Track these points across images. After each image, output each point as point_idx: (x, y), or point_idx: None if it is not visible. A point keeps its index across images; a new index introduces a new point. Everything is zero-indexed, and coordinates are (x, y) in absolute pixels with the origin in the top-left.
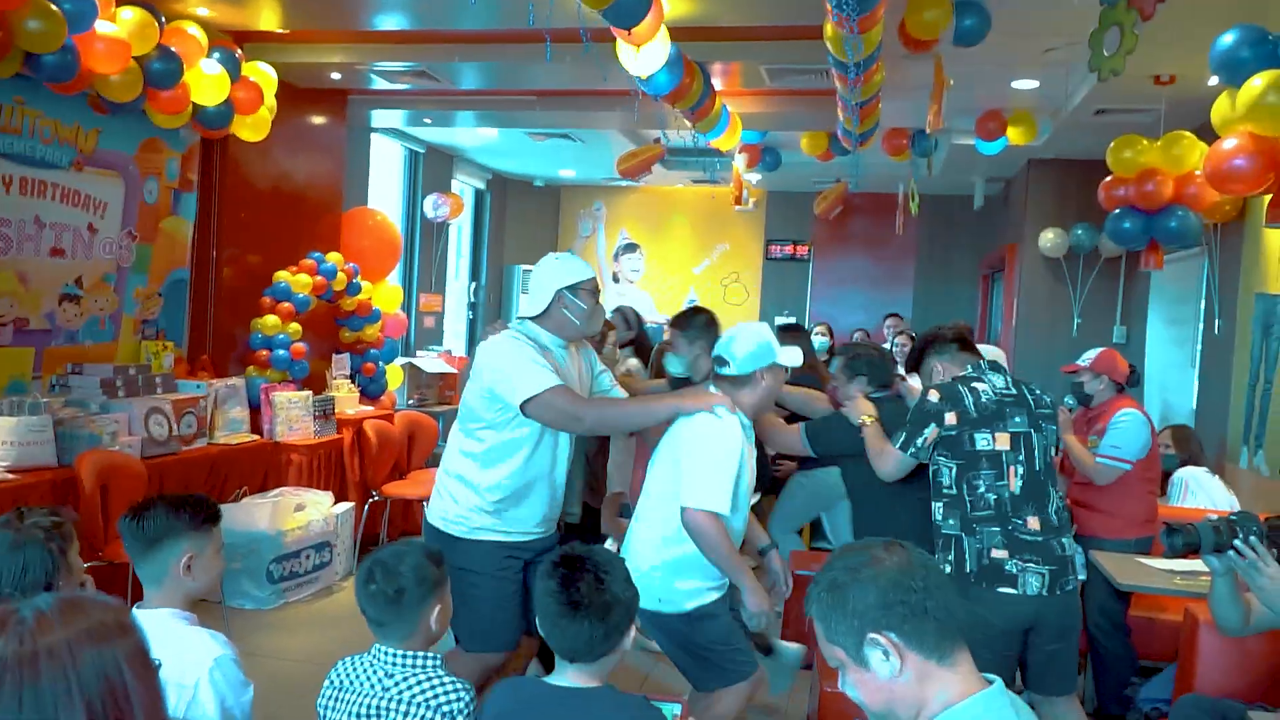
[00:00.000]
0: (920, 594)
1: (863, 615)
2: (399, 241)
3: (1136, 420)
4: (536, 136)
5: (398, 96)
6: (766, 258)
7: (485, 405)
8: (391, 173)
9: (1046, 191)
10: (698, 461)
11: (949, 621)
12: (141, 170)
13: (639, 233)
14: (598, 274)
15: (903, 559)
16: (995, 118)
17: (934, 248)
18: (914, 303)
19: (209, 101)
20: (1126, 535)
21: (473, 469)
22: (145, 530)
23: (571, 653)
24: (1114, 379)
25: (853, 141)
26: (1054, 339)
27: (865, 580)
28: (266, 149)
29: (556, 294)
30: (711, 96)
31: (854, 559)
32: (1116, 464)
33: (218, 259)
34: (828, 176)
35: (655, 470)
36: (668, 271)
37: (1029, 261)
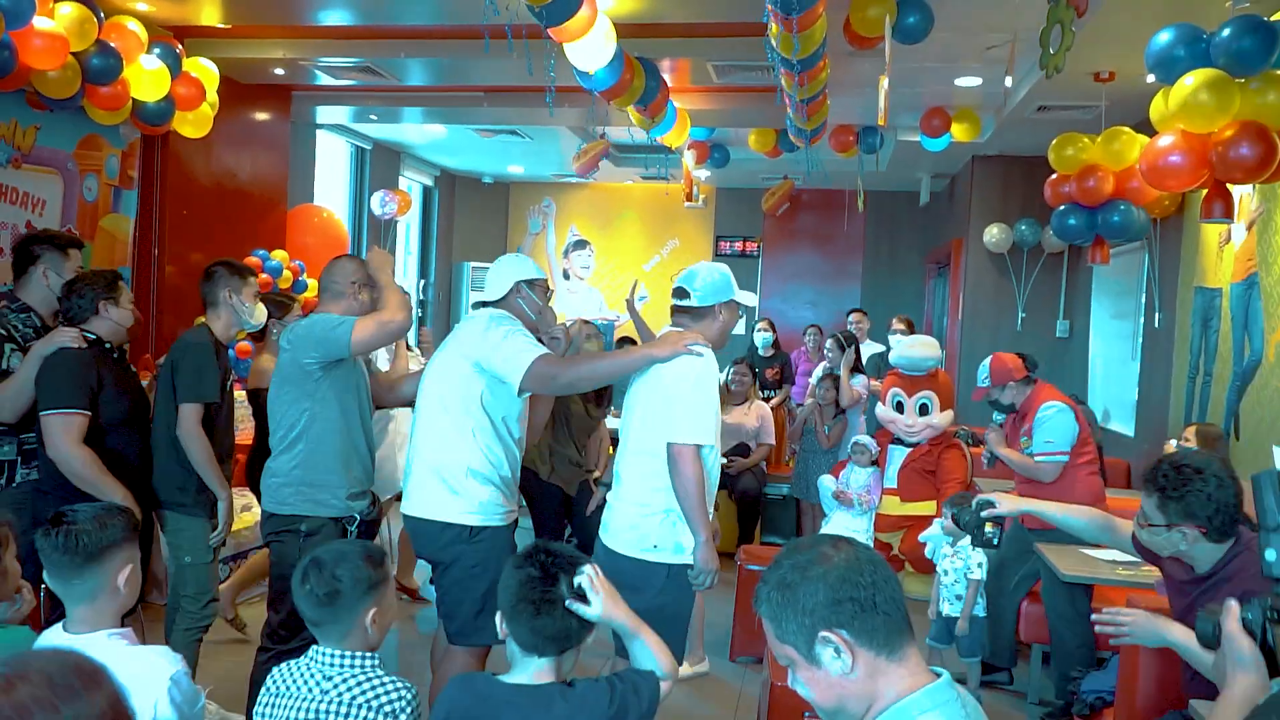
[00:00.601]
0: (869, 589)
1: (813, 613)
2: (346, 239)
3: (1058, 410)
4: (484, 133)
5: (343, 92)
6: (716, 254)
7: (474, 383)
8: (338, 170)
9: (991, 187)
10: (685, 397)
11: (896, 615)
12: (81, 167)
13: (589, 229)
14: (548, 271)
15: (850, 555)
16: (940, 114)
17: (881, 243)
18: (861, 297)
19: (149, 98)
20: None
21: (478, 452)
22: (81, 544)
23: (538, 645)
24: (1017, 378)
25: (804, 139)
26: (999, 332)
27: (814, 578)
28: (209, 146)
29: (515, 284)
30: (662, 92)
31: (802, 556)
32: (1055, 458)
33: (159, 257)
34: (777, 173)
35: (640, 420)
36: (618, 268)
37: (974, 256)
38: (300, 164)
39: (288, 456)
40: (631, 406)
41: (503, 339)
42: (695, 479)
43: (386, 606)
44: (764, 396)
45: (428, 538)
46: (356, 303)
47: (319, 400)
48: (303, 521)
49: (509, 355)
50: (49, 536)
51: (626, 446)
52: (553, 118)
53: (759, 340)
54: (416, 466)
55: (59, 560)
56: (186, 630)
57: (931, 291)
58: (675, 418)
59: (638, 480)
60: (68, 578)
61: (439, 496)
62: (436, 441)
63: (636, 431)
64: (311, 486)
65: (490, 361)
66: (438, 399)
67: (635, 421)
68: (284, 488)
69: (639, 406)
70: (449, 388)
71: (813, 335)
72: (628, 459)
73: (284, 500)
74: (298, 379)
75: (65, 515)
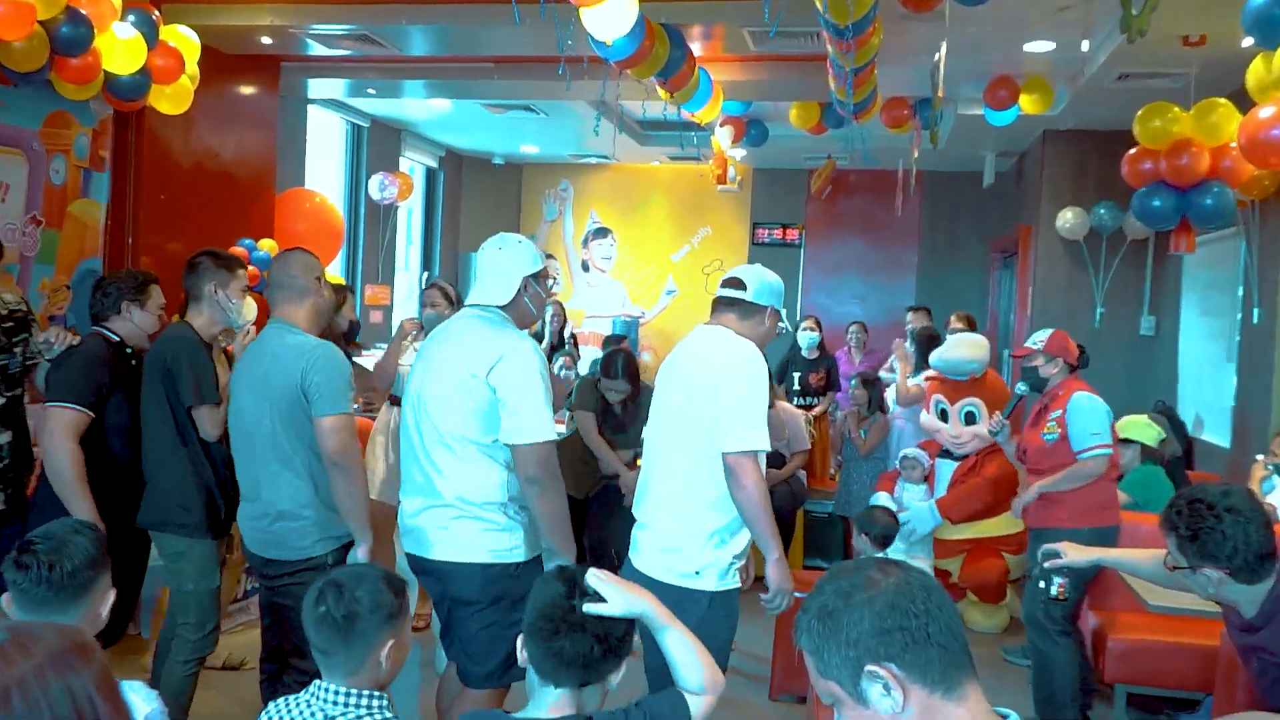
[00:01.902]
0: (921, 618)
1: (858, 644)
2: (341, 227)
3: (1093, 399)
4: (494, 108)
5: (337, 64)
6: (753, 242)
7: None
8: (331, 150)
9: (1064, 166)
10: (737, 398)
11: (954, 648)
12: (47, 147)
13: (610, 216)
14: (565, 262)
15: (900, 579)
16: (1006, 84)
17: (939, 230)
18: (916, 291)
19: (123, 70)
20: (1080, 524)
21: (497, 484)
22: (66, 577)
23: (556, 673)
24: (1067, 361)
25: (848, 112)
26: (1073, 330)
27: (859, 605)
28: (189, 123)
29: (523, 281)
30: (688, 63)
31: (846, 581)
32: (1102, 451)
33: (134, 247)
34: (820, 152)
35: (678, 427)
36: (643, 259)
37: (1045, 244)
38: (290, 143)
39: (292, 491)
40: (664, 411)
41: (531, 397)
42: (760, 490)
43: (403, 642)
44: (806, 404)
45: (462, 580)
46: (323, 299)
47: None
48: (328, 557)
49: (529, 419)
50: (26, 570)
51: (658, 457)
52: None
53: (803, 341)
54: (432, 502)
55: (41, 596)
56: (184, 661)
57: (996, 284)
58: (728, 423)
59: (677, 496)
60: (47, 614)
61: (474, 534)
62: (458, 471)
63: (673, 440)
64: (323, 525)
65: (508, 406)
66: (455, 421)
67: (671, 428)
68: (309, 529)
69: (674, 411)
70: (466, 410)
71: (856, 333)
72: (661, 471)
73: (301, 545)
74: (293, 405)
75: (34, 543)
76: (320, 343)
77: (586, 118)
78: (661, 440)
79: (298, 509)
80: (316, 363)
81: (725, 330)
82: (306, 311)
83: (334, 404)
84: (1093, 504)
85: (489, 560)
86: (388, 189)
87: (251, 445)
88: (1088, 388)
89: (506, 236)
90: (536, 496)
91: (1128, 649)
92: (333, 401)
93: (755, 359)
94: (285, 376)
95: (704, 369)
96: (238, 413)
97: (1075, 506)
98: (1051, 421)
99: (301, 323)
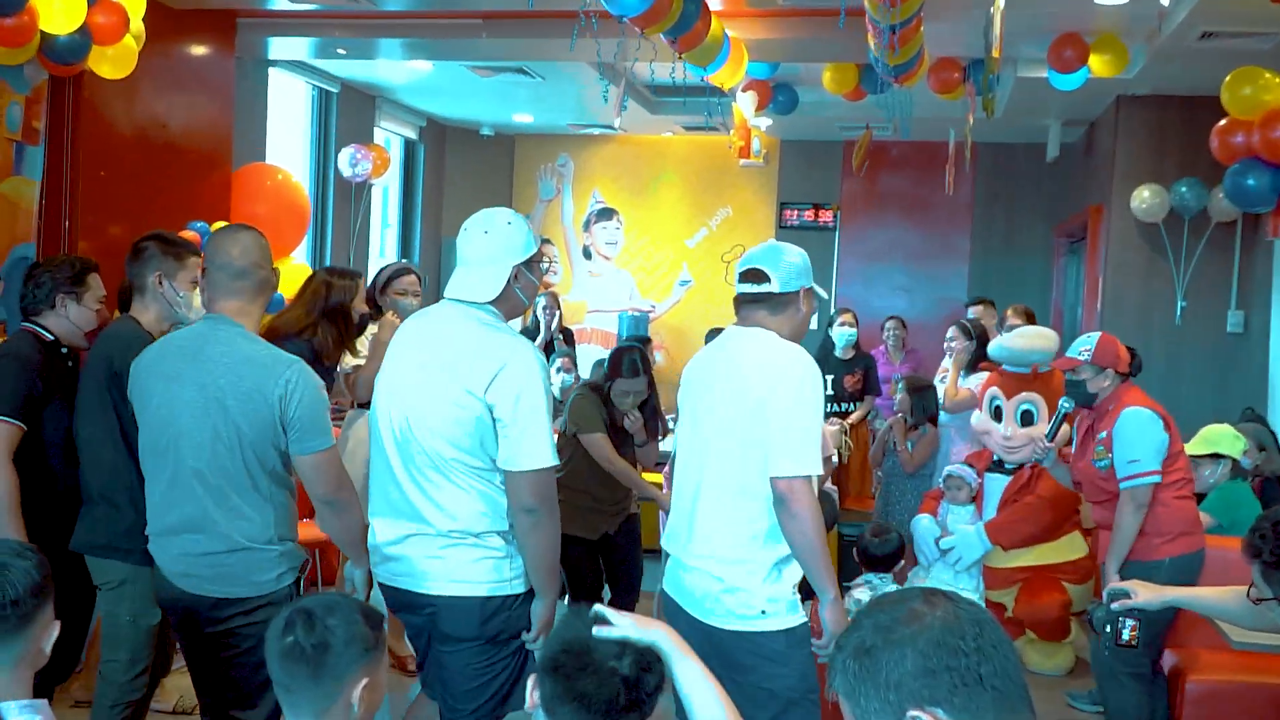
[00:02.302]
0: (972, 657)
1: (899, 687)
2: (307, 207)
3: (1144, 419)
4: (483, 72)
5: (303, 20)
6: (780, 225)
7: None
8: (296, 119)
9: (1141, 137)
10: (790, 416)
11: (1010, 691)
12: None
13: (616, 195)
14: (563, 248)
15: (948, 613)
16: (1073, 42)
17: (996, 211)
18: (969, 281)
19: (59, 29)
20: (1156, 556)
21: (496, 509)
22: (15, 607)
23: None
24: (1119, 370)
25: (889, 75)
26: (1150, 326)
27: (901, 642)
28: (133, 89)
29: (514, 270)
30: (702, 18)
31: (886, 615)
32: (1144, 480)
33: (71, 230)
34: (859, 121)
35: (725, 451)
36: (654, 244)
37: (1118, 227)
38: (249, 112)
39: (258, 521)
40: (704, 430)
41: (533, 417)
42: (815, 519)
43: (378, 683)
44: (842, 411)
45: (456, 616)
46: (271, 291)
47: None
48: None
49: (530, 443)
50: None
51: (701, 485)
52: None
53: (838, 338)
54: (420, 529)
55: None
56: (112, 706)
57: (1062, 273)
58: (779, 445)
59: (729, 528)
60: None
61: (471, 564)
62: (451, 494)
63: (721, 464)
64: (289, 555)
65: (506, 428)
66: (447, 441)
67: (716, 450)
68: (273, 561)
69: (719, 430)
70: (461, 430)
71: (893, 330)
72: (708, 501)
73: (263, 579)
74: (264, 434)
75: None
76: (290, 359)
77: (588, 83)
78: (703, 464)
79: (261, 542)
80: (296, 389)
81: (765, 333)
82: (259, 310)
83: (322, 438)
84: (1168, 530)
85: (487, 594)
86: (360, 164)
87: (193, 470)
88: (1143, 398)
89: (493, 215)
90: (531, 528)
91: (1207, 691)
92: (320, 435)
93: (809, 369)
94: (254, 401)
95: (753, 381)
96: (162, 429)
97: (1148, 533)
98: (1099, 446)
99: (251, 324)
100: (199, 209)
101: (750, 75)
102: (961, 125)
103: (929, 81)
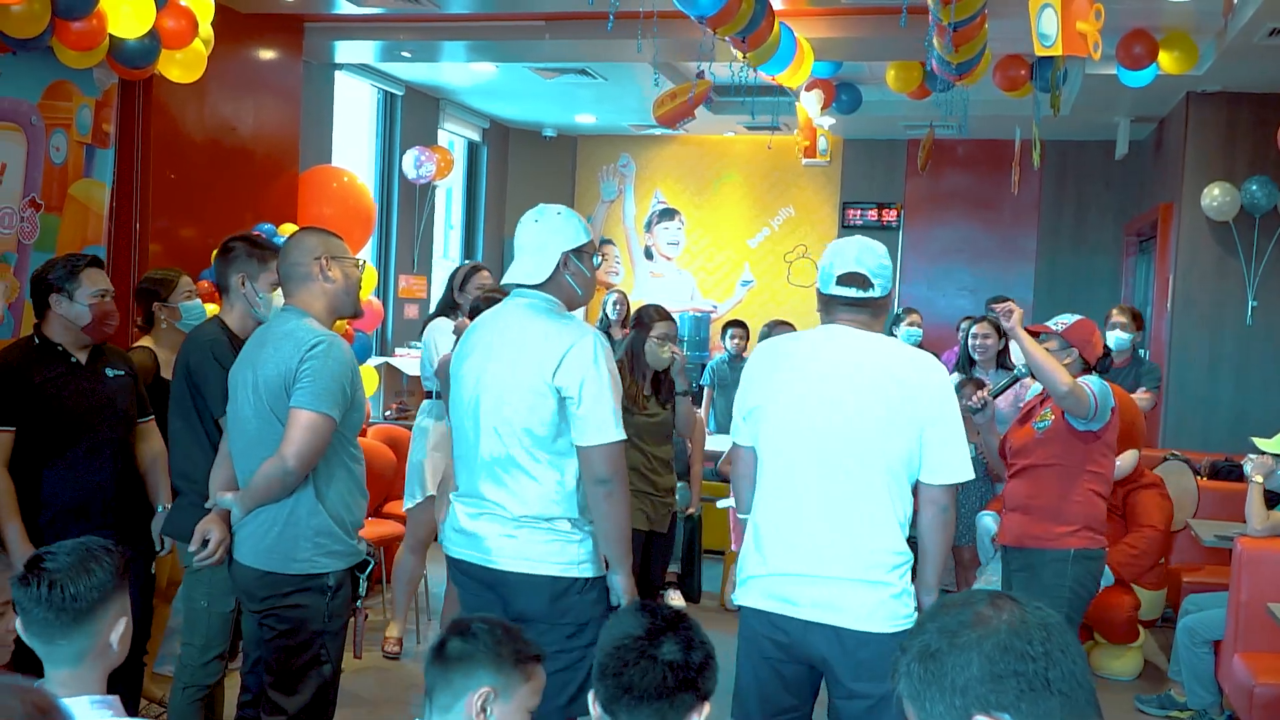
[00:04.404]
0: (1040, 662)
1: (966, 692)
2: (372, 209)
3: (1101, 382)
4: (546, 73)
5: (369, 23)
6: (843, 225)
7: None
8: (361, 122)
9: (1211, 135)
10: (951, 423)
11: (1078, 697)
12: (47, 122)
13: (678, 195)
14: (625, 248)
15: (1015, 616)
16: (1143, 38)
17: (1064, 210)
18: (1036, 282)
19: (129, 33)
20: (1059, 545)
21: (568, 493)
22: (69, 598)
23: (635, 714)
24: (1084, 355)
25: (949, 72)
26: (1221, 327)
27: (967, 646)
28: (202, 93)
29: (562, 256)
30: (768, 17)
31: (951, 618)
32: (1090, 394)
33: (142, 232)
34: (923, 120)
35: (853, 445)
36: (715, 245)
37: (1189, 226)
38: (315, 115)
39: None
40: (824, 427)
41: (603, 394)
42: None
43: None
44: None
45: (528, 593)
46: (330, 283)
47: None
48: (329, 577)
49: (599, 418)
50: (27, 587)
51: (823, 486)
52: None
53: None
54: (494, 508)
55: (41, 617)
56: (186, 688)
57: (1131, 272)
58: (950, 454)
59: (870, 532)
60: (51, 638)
61: (542, 544)
62: (525, 478)
63: (857, 464)
64: (329, 535)
65: (576, 405)
66: (522, 427)
67: (849, 450)
68: (300, 540)
69: (852, 431)
70: (535, 416)
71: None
72: (841, 505)
73: (298, 554)
74: (277, 397)
75: (43, 560)
76: (326, 334)
77: (650, 83)
78: (822, 464)
79: (294, 515)
80: (315, 353)
81: (891, 341)
82: (314, 298)
83: (316, 400)
84: (1073, 520)
85: (557, 574)
86: (424, 166)
87: (250, 444)
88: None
89: (545, 208)
90: (604, 498)
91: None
92: (315, 397)
93: (948, 378)
94: (276, 366)
95: (893, 388)
96: (235, 409)
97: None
98: (1046, 409)
99: (314, 310)
100: (266, 211)
101: (814, 74)
102: (1028, 123)
103: (994, 79)
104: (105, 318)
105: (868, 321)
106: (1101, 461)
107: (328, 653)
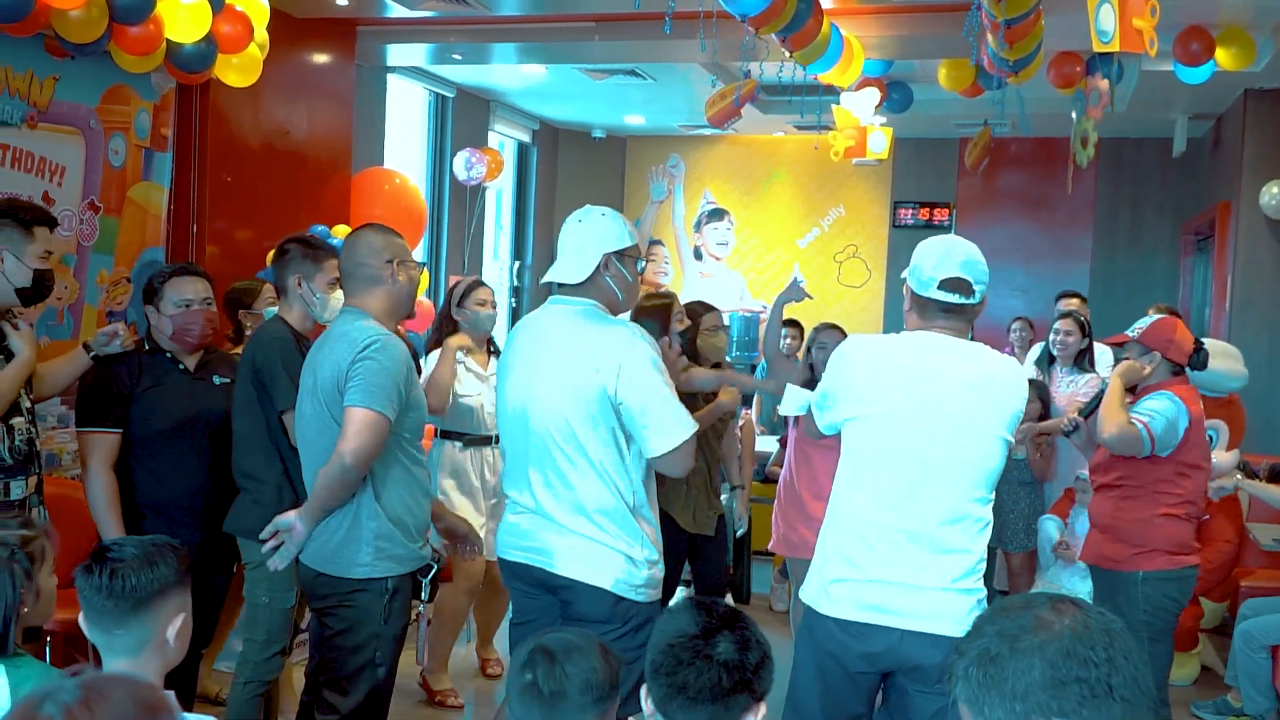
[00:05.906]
0: (1102, 668)
1: (1026, 697)
2: (423, 211)
3: (1173, 401)
4: (595, 74)
5: (420, 26)
6: (894, 225)
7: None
8: (413, 124)
9: (1270, 132)
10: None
11: (1140, 704)
12: (106, 126)
13: (727, 195)
14: (674, 249)
15: (1077, 621)
16: (1200, 35)
17: (1119, 209)
18: (1091, 281)
19: (186, 38)
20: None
21: (629, 504)
22: (129, 588)
23: (689, 714)
24: (1169, 357)
25: (1002, 69)
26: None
27: (1028, 651)
28: (257, 96)
29: (603, 259)
30: (815, 16)
31: (1012, 622)
32: (1145, 434)
33: (199, 235)
34: (975, 118)
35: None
36: (765, 245)
37: (1248, 224)
38: (368, 117)
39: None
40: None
41: (664, 396)
42: None
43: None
44: None
45: (589, 600)
46: (396, 285)
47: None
48: (387, 582)
49: (665, 421)
50: (90, 575)
51: (933, 503)
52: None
53: None
54: (550, 517)
55: (101, 605)
56: (245, 683)
57: (1188, 272)
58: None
59: (967, 531)
60: (109, 627)
61: (602, 559)
62: (583, 488)
63: (955, 467)
64: (387, 538)
65: (635, 412)
66: (577, 439)
67: (951, 453)
68: (365, 544)
69: (956, 443)
70: (595, 432)
71: (1020, 330)
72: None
73: (357, 562)
74: (333, 397)
75: (109, 550)
76: (381, 333)
77: (699, 83)
78: (925, 477)
79: (357, 519)
80: (369, 352)
81: (989, 354)
82: (377, 299)
83: (369, 398)
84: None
85: (615, 591)
86: (475, 167)
87: (313, 451)
88: (1191, 395)
89: (590, 209)
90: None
91: None
92: (368, 395)
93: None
94: (331, 366)
95: (992, 408)
96: (300, 414)
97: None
98: None
99: (374, 310)
100: (320, 212)
101: (865, 73)
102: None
103: (1049, 75)
104: (185, 329)
105: (963, 329)
106: (1178, 480)
107: (383, 655)
